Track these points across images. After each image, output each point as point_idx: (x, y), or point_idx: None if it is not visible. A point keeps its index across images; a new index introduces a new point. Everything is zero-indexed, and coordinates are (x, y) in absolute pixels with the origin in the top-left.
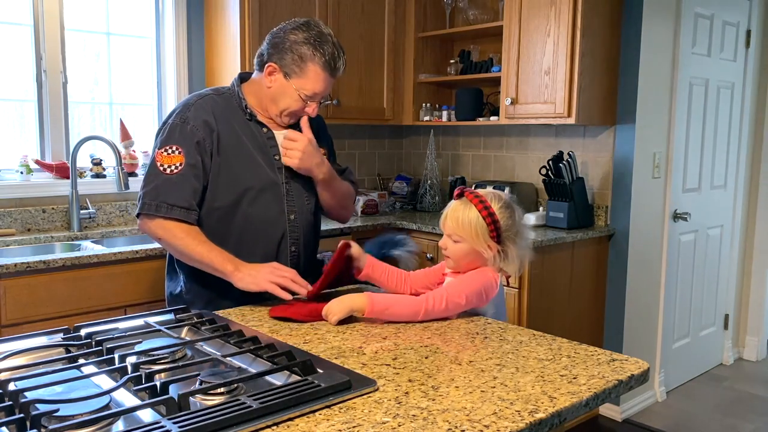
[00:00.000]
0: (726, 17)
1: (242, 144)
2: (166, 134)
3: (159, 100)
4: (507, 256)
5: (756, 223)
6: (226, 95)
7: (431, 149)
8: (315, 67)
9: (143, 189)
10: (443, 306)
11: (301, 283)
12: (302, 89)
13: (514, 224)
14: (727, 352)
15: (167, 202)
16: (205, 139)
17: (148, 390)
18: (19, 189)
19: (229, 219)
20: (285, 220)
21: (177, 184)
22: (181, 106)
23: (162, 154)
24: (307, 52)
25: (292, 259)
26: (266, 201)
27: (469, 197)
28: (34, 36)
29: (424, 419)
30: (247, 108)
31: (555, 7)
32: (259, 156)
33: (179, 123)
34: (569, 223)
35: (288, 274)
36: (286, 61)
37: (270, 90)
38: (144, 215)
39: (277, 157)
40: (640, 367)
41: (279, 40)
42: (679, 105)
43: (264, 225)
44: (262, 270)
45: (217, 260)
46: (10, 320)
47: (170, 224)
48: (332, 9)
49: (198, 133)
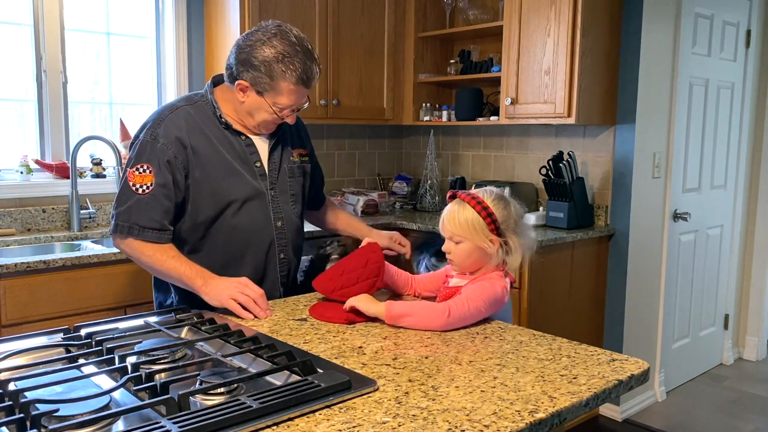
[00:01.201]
0: (726, 17)
1: (221, 155)
2: (137, 151)
3: (159, 100)
4: (510, 248)
5: (756, 223)
6: (199, 104)
7: (431, 149)
8: (287, 84)
9: (116, 209)
10: (466, 310)
11: (263, 306)
12: (277, 104)
13: (511, 215)
14: (727, 352)
15: (139, 224)
16: (177, 156)
17: (148, 390)
18: (19, 189)
19: (215, 232)
20: (272, 227)
21: (148, 205)
22: (152, 120)
23: (134, 173)
24: (278, 69)
25: (282, 265)
26: (251, 211)
27: (462, 197)
28: (34, 36)
29: (424, 419)
30: (222, 118)
31: (555, 6)
32: (239, 166)
33: (150, 140)
34: (569, 223)
35: (252, 293)
36: (257, 79)
37: (244, 105)
38: (116, 234)
39: (258, 164)
40: (640, 367)
41: (246, 56)
42: (679, 105)
43: (251, 234)
44: (228, 286)
45: (186, 274)
46: (10, 320)
47: (141, 243)
48: (332, 9)
49: (168, 152)
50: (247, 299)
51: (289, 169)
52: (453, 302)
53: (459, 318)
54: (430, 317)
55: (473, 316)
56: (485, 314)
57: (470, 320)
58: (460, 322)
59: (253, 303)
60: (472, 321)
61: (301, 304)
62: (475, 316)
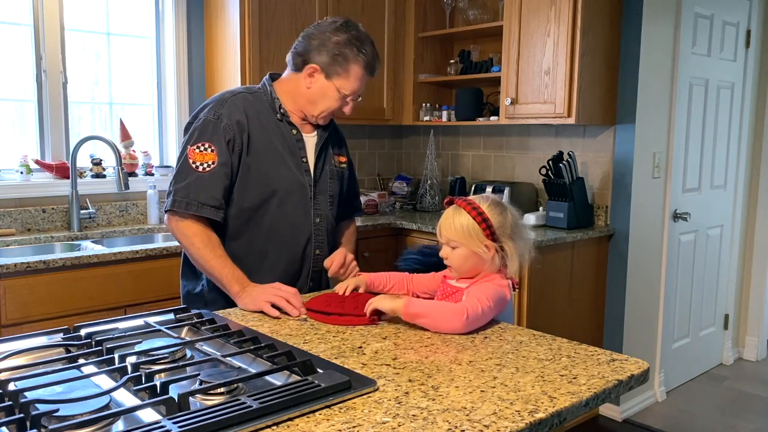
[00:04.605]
0: (726, 17)
1: (273, 145)
2: (199, 130)
3: (159, 100)
4: (506, 254)
5: (756, 223)
6: (257, 94)
7: (431, 149)
8: (357, 68)
9: (174, 185)
10: (480, 310)
11: (296, 304)
12: (343, 89)
13: (507, 221)
14: (727, 352)
15: (198, 200)
16: (236, 138)
17: (148, 390)
18: (19, 189)
19: (257, 220)
20: (311, 223)
21: (209, 182)
22: (214, 101)
23: (194, 151)
24: (351, 53)
25: (316, 261)
26: (294, 204)
27: (459, 203)
28: (34, 36)
29: (424, 419)
30: (281, 108)
31: (555, 6)
32: (288, 158)
33: (213, 120)
34: (569, 223)
35: (284, 294)
36: (328, 62)
37: (309, 90)
38: (174, 213)
39: (304, 159)
40: (640, 367)
41: (320, 41)
42: (679, 105)
43: (291, 228)
44: (263, 291)
45: (227, 278)
46: (10, 320)
47: (192, 230)
48: (332, 9)
49: (230, 132)
50: (280, 299)
51: (330, 171)
52: (468, 303)
53: (475, 319)
54: (448, 319)
55: (486, 317)
56: (494, 314)
57: (483, 321)
58: (476, 324)
59: (285, 302)
60: (484, 322)
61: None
62: (488, 316)
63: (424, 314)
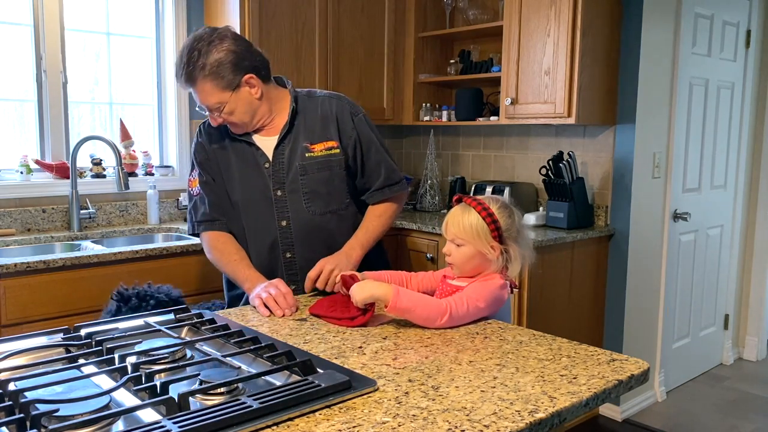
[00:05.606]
0: (726, 17)
1: (229, 160)
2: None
3: (159, 100)
4: (510, 256)
5: (756, 223)
6: None
7: (431, 149)
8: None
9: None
10: (465, 310)
11: (282, 305)
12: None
13: (514, 224)
14: (727, 352)
15: (196, 220)
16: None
17: (148, 390)
18: (19, 189)
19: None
20: (275, 227)
21: (200, 202)
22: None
23: (189, 180)
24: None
25: (289, 264)
26: (256, 211)
27: (468, 201)
28: (34, 36)
29: (424, 419)
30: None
31: (555, 7)
32: (246, 169)
33: (193, 148)
34: (569, 223)
35: (275, 293)
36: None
37: None
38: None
39: (267, 165)
40: (640, 367)
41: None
42: (679, 105)
43: (256, 234)
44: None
45: (239, 279)
46: (10, 320)
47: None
48: (332, 9)
49: (198, 155)
50: (269, 297)
51: (301, 167)
52: (454, 301)
53: (458, 318)
54: (430, 317)
55: (473, 315)
56: (485, 313)
57: (468, 319)
58: (460, 321)
59: (273, 301)
60: (470, 320)
61: (301, 304)
62: (474, 314)
63: (410, 309)
